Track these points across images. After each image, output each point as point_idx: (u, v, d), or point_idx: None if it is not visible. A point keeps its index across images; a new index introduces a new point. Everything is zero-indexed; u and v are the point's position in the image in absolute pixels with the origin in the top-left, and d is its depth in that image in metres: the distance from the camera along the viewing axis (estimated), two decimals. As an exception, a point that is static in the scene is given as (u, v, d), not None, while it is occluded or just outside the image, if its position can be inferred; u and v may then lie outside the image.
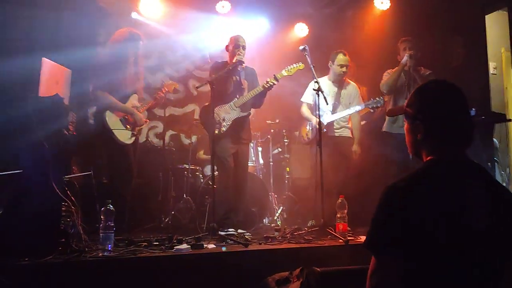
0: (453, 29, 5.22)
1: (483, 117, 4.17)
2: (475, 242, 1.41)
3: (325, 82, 4.77)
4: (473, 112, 4.12)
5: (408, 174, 1.49)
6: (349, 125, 4.87)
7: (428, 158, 1.55)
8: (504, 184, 5.15)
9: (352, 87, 4.87)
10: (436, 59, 5.20)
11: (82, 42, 4.50)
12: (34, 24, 3.90)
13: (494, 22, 5.68)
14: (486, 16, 5.11)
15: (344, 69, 4.75)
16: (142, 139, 5.63)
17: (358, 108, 4.64)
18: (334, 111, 4.71)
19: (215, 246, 3.32)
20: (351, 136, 4.82)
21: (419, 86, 1.65)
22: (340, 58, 4.75)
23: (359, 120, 4.97)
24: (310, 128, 4.80)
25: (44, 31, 4.16)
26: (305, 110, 4.88)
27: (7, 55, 2.44)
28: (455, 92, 1.56)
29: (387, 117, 4.69)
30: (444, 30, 5.31)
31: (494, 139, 4.94)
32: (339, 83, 4.83)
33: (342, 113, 4.68)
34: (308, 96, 4.87)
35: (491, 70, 5.78)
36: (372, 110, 4.72)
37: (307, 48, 4.19)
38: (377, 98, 4.51)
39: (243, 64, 4.24)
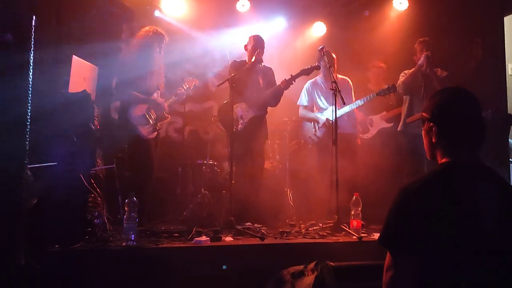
0: (471, 31, 5.23)
1: (498, 118, 4.20)
2: (488, 245, 1.49)
3: (319, 82, 4.82)
4: (489, 113, 4.16)
5: (422, 176, 1.58)
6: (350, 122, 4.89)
7: (443, 160, 1.64)
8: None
9: (344, 81, 4.88)
10: (454, 60, 5.23)
11: (107, 39, 4.64)
12: (62, 21, 4.04)
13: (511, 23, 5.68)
14: (505, 18, 5.11)
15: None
16: (162, 133, 5.77)
17: (363, 100, 4.66)
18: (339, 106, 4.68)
19: (232, 239, 3.44)
20: (353, 132, 4.87)
21: (434, 92, 1.75)
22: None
23: (354, 113, 5.00)
24: (317, 128, 4.83)
25: (71, 28, 4.30)
26: (305, 112, 4.93)
27: (40, 51, 2.58)
28: (467, 96, 1.65)
29: (402, 117, 4.75)
30: (462, 32, 5.33)
31: (510, 140, 4.95)
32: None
33: (351, 106, 4.66)
34: (302, 99, 4.94)
35: (509, 72, 5.78)
36: (383, 96, 4.69)
37: (325, 48, 4.26)
38: (386, 86, 4.56)
39: (262, 64, 4.34)
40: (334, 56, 4.76)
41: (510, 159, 5.00)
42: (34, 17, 2.25)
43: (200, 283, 2.93)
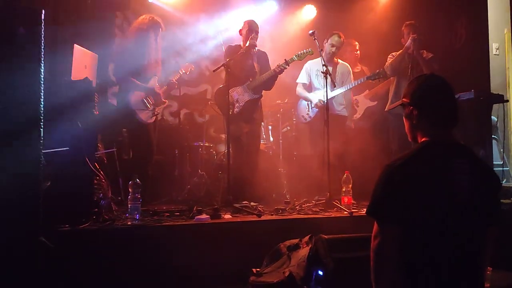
0: (456, 11, 5.38)
1: (481, 98, 4.40)
2: (461, 211, 1.70)
3: (319, 63, 4.98)
4: (472, 93, 4.36)
5: (404, 154, 1.78)
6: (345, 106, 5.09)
7: (423, 139, 1.84)
8: (502, 162, 5.44)
9: (344, 66, 5.09)
10: (439, 42, 5.40)
11: (103, 26, 4.73)
12: (60, 11, 4.13)
13: (497, 3, 5.84)
14: (488, -1, 5.27)
15: (333, 49, 4.93)
16: (158, 117, 5.91)
17: (356, 82, 4.87)
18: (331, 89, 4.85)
19: (231, 216, 3.64)
20: (345, 114, 5.08)
21: (412, 79, 1.96)
22: (334, 39, 4.95)
23: (351, 97, 5.22)
24: (310, 108, 5.02)
25: (70, 17, 4.38)
26: (302, 90, 5.10)
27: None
28: (441, 82, 1.86)
29: (390, 96, 4.94)
30: (448, 12, 5.48)
31: (493, 117, 5.15)
32: (331, 63, 4.98)
33: (342, 89, 4.85)
34: (303, 77, 5.10)
35: (493, 51, 5.95)
36: (373, 80, 4.91)
37: (316, 32, 4.40)
38: (377, 70, 4.76)
39: (256, 48, 4.49)
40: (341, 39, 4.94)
41: (493, 136, 5.23)
42: (43, 11, 2.37)
43: (202, 258, 3.12)
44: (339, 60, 5.09)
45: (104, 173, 3.53)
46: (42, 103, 2.48)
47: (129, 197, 3.30)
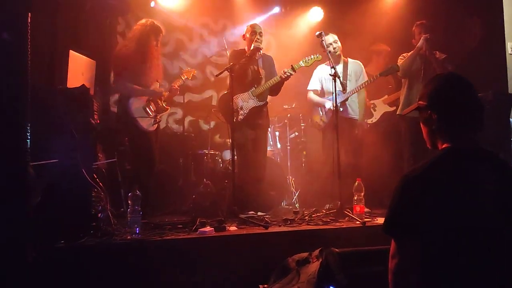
0: (470, 10, 5.17)
1: (500, 99, 4.18)
2: (488, 225, 1.50)
3: (328, 68, 4.78)
4: (490, 94, 4.14)
5: (423, 162, 1.58)
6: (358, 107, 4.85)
7: (443, 146, 1.64)
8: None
9: (355, 63, 4.84)
10: (453, 42, 5.19)
11: (103, 33, 4.61)
12: (57, 16, 4.01)
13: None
14: (504, -4, 5.05)
15: (332, 49, 4.66)
16: (162, 125, 5.77)
17: (364, 80, 4.62)
18: (344, 90, 4.55)
19: (236, 228, 3.46)
20: (360, 117, 4.85)
21: (429, 79, 1.75)
22: (333, 36, 4.72)
23: (364, 98, 5.00)
24: (324, 113, 4.77)
25: (68, 23, 4.26)
26: (314, 97, 4.87)
27: (34, 48, 2.57)
28: (462, 81, 1.66)
29: (401, 100, 4.73)
30: (461, 12, 5.27)
31: (511, 120, 4.93)
32: (340, 62, 4.76)
33: (353, 90, 4.62)
34: (314, 83, 4.88)
35: (508, 51, 5.73)
36: (386, 75, 4.66)
37: (323, 33, 4.22)
38: (391, 65, 4.51)
39: (261, 52, 4.32)
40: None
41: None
42: (29, 14, 2.22)
43: (205, 274, 2.94)
44: (349, 59, 4.88)
45: (103, 184, 3.37)
46: (28, 111, 2.31)
47: (128, 210, 3.14)
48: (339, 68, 4.74)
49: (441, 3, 5.36)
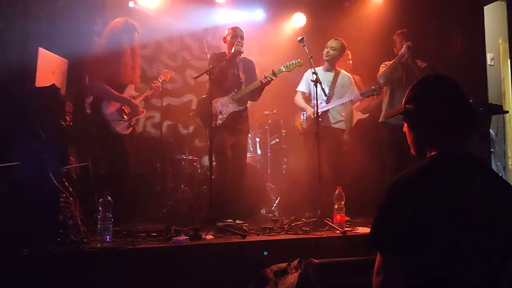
0: (451, 20, 5.19)
1: (480, 108, 4.17)
2: (478, 238, 1.41)
3: (320, 72, 4.74)
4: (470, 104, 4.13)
5: (411, 169, 1.48)
6: (343, 119, 4.83)
7: (432, 153, 1.54)
8: (500, 174, 5.23)
9: (346, 77, 4.83)
10: (434, 51, 5.20)
11: (78, 31, 4.44)
12: (29, 12, 3.83)
13: (492, 13, 5.68)
14: (484, 7, 5.09)
15: (330, 51, 4.68)
16: (139, 129, 5.62)
17: (350, 97, 4.61)
18: (328, 101, 4.62)
19: (213, 237, 3.33)
20: (343, 129, 4.80)
21: (416, 82, 1.62)
22: (333, 42, 4.74)
23: (352, 111, 4.98)
24: (304, 118, 4.74)
25: (39, 19, 4.08)
26: (299, 100, 4.83)
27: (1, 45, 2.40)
28: (453, 84, 1.56)
29: (384, 108, 4.69)
30: (442, 21, 5.29)
31: (491, 130, 4.95)
32: (333, 71, 4.77)
33: (336, 102, 4.62)
34: (303, 86, 4.85)
35: (488, 61, 5.78)
36: (367, 97, 4.67)
37: (305, 38, 4.17)
38: (372, 87, 4.50)
39: (242, 55, 4.22)
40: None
41: (491, 149, 5.01)
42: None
43: (180, 285, 2.81)
44: (342, 70, 4.84)
45: (74, 189, 3.20)
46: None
47: (99, 216, 2.98)
48: (329, 76, 4.73)
49: (422, 12, 5.37)
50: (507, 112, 4.83)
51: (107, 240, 2.93)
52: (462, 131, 1.53)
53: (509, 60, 5.15)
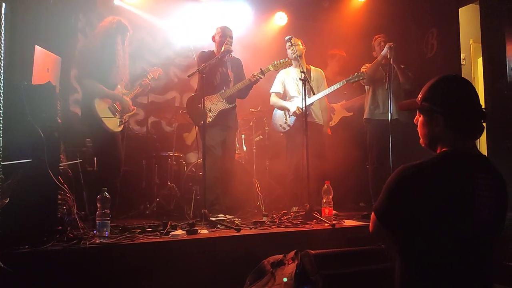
0: (428, 22, 5.42)
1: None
2: (479, 229, 1.55)
3: (293, 71, 4.85)
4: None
5: (424, 160, 1.60)
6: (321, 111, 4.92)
7: (443, 149, 1.65)
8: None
9: (317, 72, 4.94)
10: (411, 51, 5.42)
11: (64, 28, 4.41)
12: (15, 10, 3.79)
13: (463, 15, 5.94)
14: (459, 9, 5.33)
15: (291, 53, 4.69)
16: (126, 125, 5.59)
17: (336, 86, 4.63)
18: (312, 94, 4.64)
19: (208, 231, 3.41)
20: (323, 122, 4.90)
21: (433, 80, 1.72)
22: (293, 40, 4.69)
23: (327, 104, 5.10)
24: (288, 116, 4.81)
25: (25, 17, 4.04)
26: (277, 100, 4.87)
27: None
28: (469, 85, 1.67)
29: (367, 105, 4.86)
30: (419, 23, 5.52)
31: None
32: (304, 67, 4.79)
33: (319, 95, 4.66)
34: (276, 86, 4.91)
35: (460, 61, 6.05)
36: (353, 83, 4.68)
37: (292, 38, 4.27)
38: (356, 73, 4.58)
39: (230, 55, 4.30)
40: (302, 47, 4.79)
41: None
42: (4, 4, 2.08)
43: (179, 278, 2.88)
44: (311, 66, 4.96)
45: (68, 186, 3.22)
46: (2, 109, 2.17)
47: (97, 212, 3.01)
48: (298, 74, 4.80)
49: (400, 14, 5.58)
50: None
51: (106, 235, 2.97)
52: (474, 130, 1.64)
53: (479, 60, 5.43)
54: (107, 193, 3.04)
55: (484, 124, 1.67)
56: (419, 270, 1.58)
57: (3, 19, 2.10)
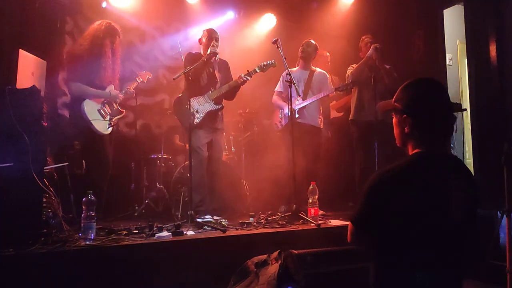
0: (413, 23, 5.48)
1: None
2: (452, 230, 1.60)
3: (298, 72, 4.92)
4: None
5: (395, 165, 1.63)
6: (321, 116, 4.97)
7: (415, 151, 1.69)
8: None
9: (322, 74, 4.98)
10: (397, 52, 5.47)
11: (51, 31, 4.42)
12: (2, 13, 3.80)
13: (450, 16, 6.01)
14: (444, 10, 5.39)
15: (301, 53, 4.89)
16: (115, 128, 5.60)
17: (325, 93, 4.74)
18: (304, 97, 4.78)
19: (194, 233, 3.43)
20: (321, 127, 4.93)
21: (406, 82, 1.76)
22: (304, 42, 4.95)
23: (329, 106, 5.18)
24: (282, 116, 4.88)
25: (12, 18, 4.05)
26: (277, 98, 4.99)
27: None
28: (440, 88, 1.71)
29: (353, 106, 4.91)
30: (404, 24, 5.57)
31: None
32: (307, 70, 4.92)
33: (312, 99, 4.74)
34: (280, 86, 4.99)
35: (447, 62, 6.11)
36: (341, 91, 4.86)
37: (279, 40, 4.31)
38: (346, 82, 4.72)
39: (217, 57, 4.34)
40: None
41: (451, 145, 5.32)
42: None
43: (164, 279, 2.90)
44: (317, 69, 5.01)
45: (54, 189, 3.23)
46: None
47: (82, 215, 3.02)
48: (304, 75, 4.87)
49: (387, 15, 5.63)
50: (465, 110, 5.16)
51: (91, 238, 2.99)
52: (444, 132, 1.68)
53: (466, 60, 5.48)
54: (92, 196, 3.06)
55: (454, 127, 1.71)
56: (393, 274, 1.62)
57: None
